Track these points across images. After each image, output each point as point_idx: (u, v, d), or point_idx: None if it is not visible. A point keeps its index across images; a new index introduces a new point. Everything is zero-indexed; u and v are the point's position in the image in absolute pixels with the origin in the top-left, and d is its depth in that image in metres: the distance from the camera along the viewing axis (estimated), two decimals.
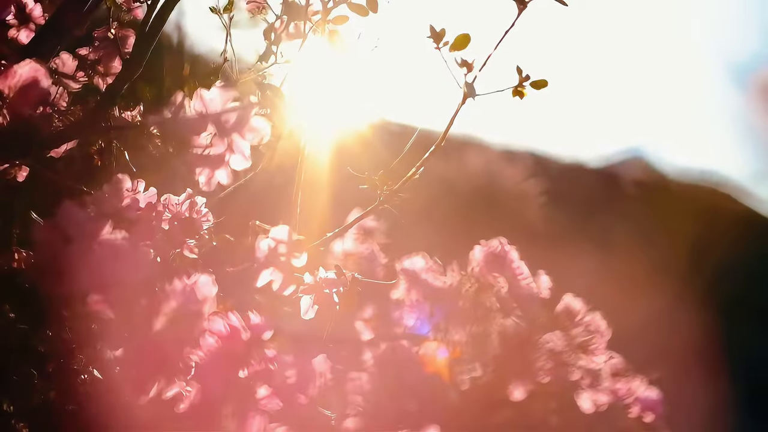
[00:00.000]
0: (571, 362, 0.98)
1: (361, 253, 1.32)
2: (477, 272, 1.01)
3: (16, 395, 0.82)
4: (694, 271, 3.64)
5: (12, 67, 0.68)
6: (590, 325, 1.00)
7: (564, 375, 0.98)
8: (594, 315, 1.01)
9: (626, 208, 4.24)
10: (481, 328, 0.98)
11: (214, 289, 0.79)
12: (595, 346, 0.99)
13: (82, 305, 0.74)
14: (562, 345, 0.98)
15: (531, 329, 0.98)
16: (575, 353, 0.98)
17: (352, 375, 1.01)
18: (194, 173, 0.74)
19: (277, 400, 0.79)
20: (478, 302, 1.00)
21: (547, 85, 0.96)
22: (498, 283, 1.00)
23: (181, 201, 0.97)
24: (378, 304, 1.14)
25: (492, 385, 0.97)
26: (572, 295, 1.02)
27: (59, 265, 0.72)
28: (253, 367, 0.79)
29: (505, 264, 1.00)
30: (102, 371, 0.78)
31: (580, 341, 0.99)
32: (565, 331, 0.99)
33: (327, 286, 0.99)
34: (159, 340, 0.76)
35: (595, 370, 0.99)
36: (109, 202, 0.86)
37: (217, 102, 0.71)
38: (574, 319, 1.00)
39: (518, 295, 1.00)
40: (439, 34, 0.94)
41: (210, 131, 0.71)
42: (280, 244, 0.85)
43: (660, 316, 3.08)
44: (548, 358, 0.98)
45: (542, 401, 0.98)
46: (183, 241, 0.95)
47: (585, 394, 0.99)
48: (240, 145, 0.73)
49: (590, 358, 0.99)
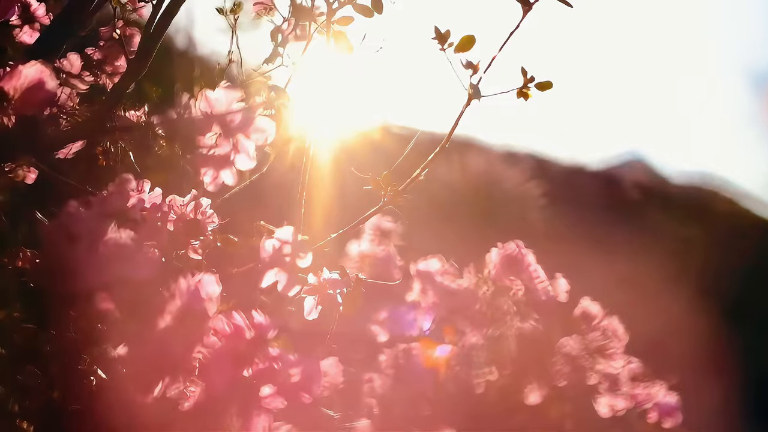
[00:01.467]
0: (588, 366, 0.98)
1: (376, 255, 1.32)
2: (493, 275, 1.01)
3: (22, 395, 0.82)
4: (694, 275, 3.64)
5: (18, 67, 0.68)
6: (607, 329, 1.00)
7: (581, 379, 0.97)
8: (611, 319, 1.00)
9: (627, 211, 4.24)
10: (498, 331, 0.98)
11: (218, 288, 0.79)
12: (612, 350, 0.99)
13: (87, 305, 0.74)
14: (579, 348, 0.98)
15: (547, 333, 0.98)
16: (592, 357, 0.98)
17: (366, 377, 1.01)
18: (199, 173, 0.73)
19: (281, 399, 0.79)
20: (494, 305, 0.99)
21: (552, 86, 0.96)
22: (515, 286, 1.00)
23: (186, 202, 0.97)
24: (393, 306, 1.14)
25: (508, 388, 0.97)
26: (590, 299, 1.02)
27: (65, 264, 0.73)
28: (257, 366, 0.79)
29: (521, 267, 1.00)
30: (107, 371, 0.78)
31: (597, 345, 0.98)
32: (582, 335, 0.99)
33: (331, 286, 0.98)
34: (164, 340, 0.77)
35: (612, 374, 0.99)
36: (114, 202, 0.86)
37: (222, 102, 0.71)
38: (591, 323, 1.00)
39: (535, 298, 0.99)
40: (444, 36, 0.94)
41: (215, 131, 0.71)
42: (284, 245, 0.85)
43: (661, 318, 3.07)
44: (565, 361, 0.97)
45: (558, 405, 0.98)
46: (188, 242, 0.95)
47: (603, 399, 0.98)
48: (245, 145, 0.73)
49: (608, 363, 0.98)
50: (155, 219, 0.93)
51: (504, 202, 3.88)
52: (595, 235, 3.51)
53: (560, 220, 3.68)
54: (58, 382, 0.82)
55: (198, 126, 0.69)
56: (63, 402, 0.81)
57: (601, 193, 4.50)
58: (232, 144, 0.72)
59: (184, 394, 0.78)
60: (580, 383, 0.98)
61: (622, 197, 4.62)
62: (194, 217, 0.97)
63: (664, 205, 4.59)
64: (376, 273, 1.33)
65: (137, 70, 0.89)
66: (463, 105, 0.95)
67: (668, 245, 3.89)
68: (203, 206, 0.97)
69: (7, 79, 0.68)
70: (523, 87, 0.96)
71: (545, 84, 0.96)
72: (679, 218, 4.30)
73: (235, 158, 0.73)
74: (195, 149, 0.71)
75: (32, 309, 0.80)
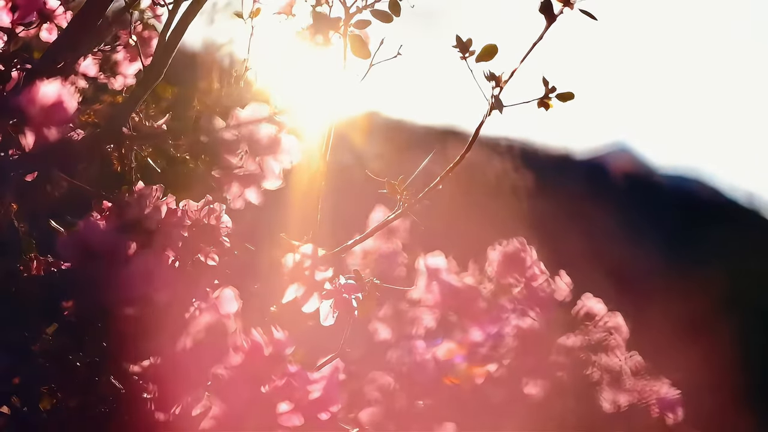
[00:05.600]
0: (589, 360, 0.98)
1: (381, 251, 1.31)
2: (494, 272, 1.00)
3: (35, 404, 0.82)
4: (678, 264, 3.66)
5: (36, 84, 0.66)
6: (609, 323, 0.99)
7: (582, 373, 0.97)
8: (613, 314, 1.00)
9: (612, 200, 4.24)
10: (499, 327, 0.98)
11: (237, 304, 0.78)
12: (614, 345, 0.99)
13: (108, 321, 0.74)
14: (580, 342, 0.98)
15: (548, 328, 0.98)
16: (594, 351, 0.98)
17: (369, 374, 1.01)
18: (224, 190, 0.72)
19: (299, 416, 0.79)
20: (495, 302, 0.99)
21: (573, 97, 0.94)
22: (516, 283, 0.99)
23: (200, 207, 0.96)
24: (395, 303, 1.13)
25: (509, 383, 0.97)
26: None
27: (86, 281, 0.72)
28: (274, 383, 0.79)
29: (523, 265, 1.00)
30: (127, 386, 0.78)
31: (597, 339, 0.98)
32: (583, 330, 0.99)
33: (347, 292, 0.98)
34: (184, 356, 0.76)
35: (615, 368, 0.99)
36: (132, 212, 0.85)
37: (251, 121, 0.70)
38: (592, 318, 1.00)
39: (535, 295, 0.99)
40: (465, 44, 0.93)
41: (242, 149, 0.70)
42: (305, 259, 0.85)
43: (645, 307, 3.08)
44: (566, 355, 0.97)
45: (560, 400, 0.98)
46: (203, 248, 0.94)
47: (605, 393, 0.98)
48: (272, 165, 0.71)
49: (610, 357, 0.98)
50: (171, 226, 0.92)
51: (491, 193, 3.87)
52: (582, 225, 3.51)
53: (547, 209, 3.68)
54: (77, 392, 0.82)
55: (226, 145, 0.68)
56: (81, 414, 0.81)
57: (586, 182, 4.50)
58: (258, 164, 0.71)
59: (203, 412, 0.77)
60: (581, 378, 0.98)
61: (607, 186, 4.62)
62: (208, 223, 0.96)
63: (649, 195, 4.60)
64: (381, 270, 1.33)
65: (153, 77, 0.87)
66: (484, 114, 0.94)
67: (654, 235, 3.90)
68: (218, 211, 0.96)
69: (25, 95, 0.66)
70: (544, 97, 0.95)
71: (567, 95, 0.94)
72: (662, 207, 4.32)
73: (261, 178, 0.72)
74: (221, 166, 0.70)
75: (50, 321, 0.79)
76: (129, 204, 0.85)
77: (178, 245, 0.92)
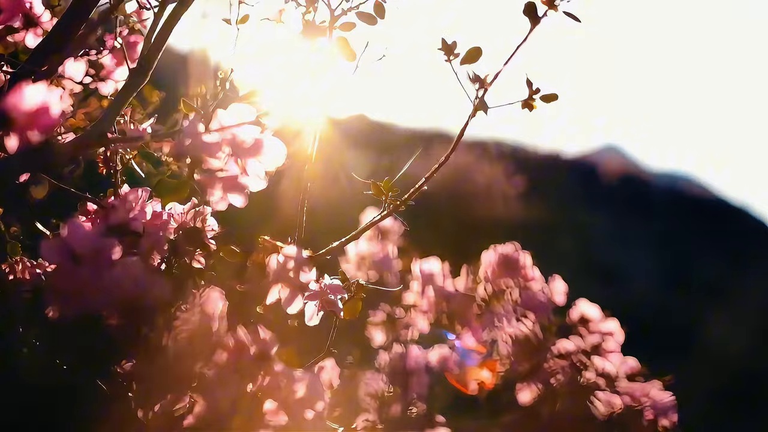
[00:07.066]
0: (583, 364, 0.98)
1: (374, 255, 1.31)
2: (489, 276, 1.01)
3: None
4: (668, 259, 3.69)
5: (21, 87, 0.66)
6: (602, 327, 1.00)
7: (576, 377, 0.98)
8: (608, 319, 1.01)
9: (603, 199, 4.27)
10: (492, 332, 0.98)
11: (223, 304, 0.79)
12: (608, 348, 0.99)
13: (93, 323, 0.74)
14: (574, 346, 0.98)
15: (542, 332, 0.98)
16: (588, 355, 0.99)
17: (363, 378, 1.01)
18: (207, 193, 0.73)
19: (284, 415, 0.80)
20: (489, 306, 1.00)
21: (557, 98, 0.95)
22: (510, 287, 1.00)
23: (185, 210, 0.96)
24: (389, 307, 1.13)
25: (502, 387, 0.97)
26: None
27: (70, 285, 0.72)
28: (260, 382, 0.79)
29: (517, 268, 1.00)
30: (111, 386, 0.78)
31: (592, 342, 0.99)
32: (577, 333, 0.99)
33: (332, 292, 0.98)
34: (169, 356, 0.76)
35: (608, 372, 0.99)
36: (117, 215, 0.85)
37: (233, 122, 0.70)
38: (586, 322, 1.00)
39: (530, 299, 0.99)
40: (450, 47, 0.94)
41: (225, 152, 0.70)
42: (289, 261, 0.85)
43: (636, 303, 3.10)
44: (560, 359, 0.98)
45: (553, 404, 0.98)
46: (189, 251, 0.94)
47: (599, 397, 0.99)
48: (255, 167, 0.72)
49: (603, 360, 0.99)
50: (157, 229, 0.92)
51: (479, 195, 3.88)
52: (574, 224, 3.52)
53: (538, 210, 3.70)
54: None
55: (207, 147, 0.68)
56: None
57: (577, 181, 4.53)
58: (241, 166, 0.71)
59: (188, 410, 0.78)
60: (575, 381, 0.98)
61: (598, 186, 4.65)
62: (194, 225, 0.96)
63: (639, 194, 4.64)
64: (374, 274, 1.33)
65: (138, 81, 0.87)
66: (468, 116, 0.95)
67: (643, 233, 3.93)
68: (204, 214, 0.96)
69: (10, 98, 0.66)
70: (528, 98, 0.95)
71: (550, 96, 0.95)
72: (651, 205, 4.35)
73: (244, 180, 0.72)
74: (203, 169, 0.70)
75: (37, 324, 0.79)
76: (115, 207, 0.85)
77: (164, 248, 0.93)
